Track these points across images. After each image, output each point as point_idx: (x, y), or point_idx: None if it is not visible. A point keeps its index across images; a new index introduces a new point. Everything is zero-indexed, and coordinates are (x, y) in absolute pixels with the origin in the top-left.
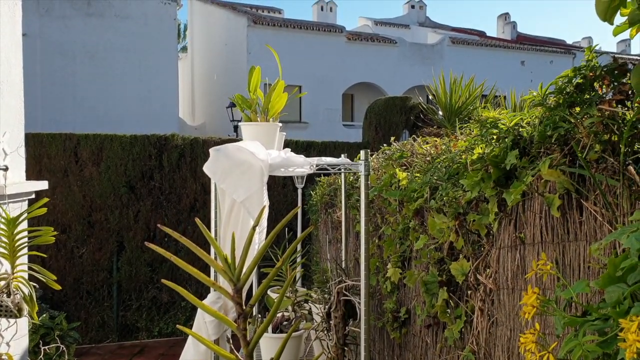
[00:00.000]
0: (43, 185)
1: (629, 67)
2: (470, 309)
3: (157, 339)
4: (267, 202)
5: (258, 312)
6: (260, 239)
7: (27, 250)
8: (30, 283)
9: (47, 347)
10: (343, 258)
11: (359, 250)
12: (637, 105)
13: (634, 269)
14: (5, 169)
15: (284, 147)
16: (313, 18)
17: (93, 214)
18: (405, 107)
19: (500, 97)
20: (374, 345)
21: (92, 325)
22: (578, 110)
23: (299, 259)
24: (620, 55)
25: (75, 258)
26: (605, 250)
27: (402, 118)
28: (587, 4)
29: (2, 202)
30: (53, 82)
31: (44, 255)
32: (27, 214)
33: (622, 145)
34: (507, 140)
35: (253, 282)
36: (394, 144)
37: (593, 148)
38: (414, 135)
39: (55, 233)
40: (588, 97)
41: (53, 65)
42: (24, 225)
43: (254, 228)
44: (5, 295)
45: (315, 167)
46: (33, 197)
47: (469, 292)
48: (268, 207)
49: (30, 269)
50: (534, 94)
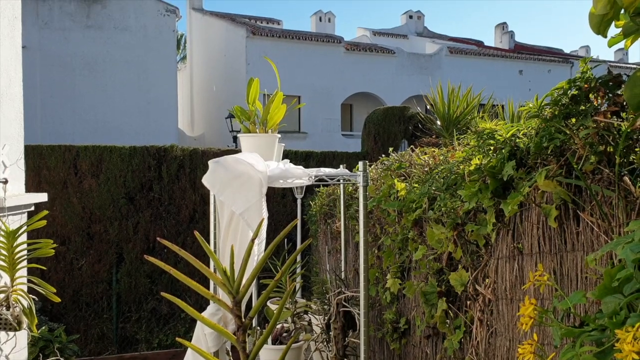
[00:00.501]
0: (42, 198)
1: (624, 78)
2: (470, 320)
3: (156, 351)
4: (265, 214)
5: (257, 323)
6: (260, 250)
7: (26, 263)
8: (30, 295)
9: None
10: (342, 269)
11: (358, 261)
12: (631, 117)
13: (630, 280)
14: (5, 182)
15: (283, 157)
16: (311, 29)
17: (92, 226)
18: (404, 117)
19: (498, 106)
20: (374, 356)
21: (91, 338)
22: (573, 122)
23: (299, 270)
24: (618, 64)
25: (75, 270)
26: (602, 261)
27: (400, 128)
28: (584, 13)
29: (1, 214)
30: (52, 93)
31: (44, 268)
32: (26, 227)
33: (617, 156)
34: (504, 151)
35: (253, 293)
36: (393, 155)
37: (589, 159)
38: (412, 146)
39: (55, 245)
40: (583, 108)
41: (52, 77)
42: (24, 238)
43: (253, 240)
44: (5, 308)
45: (314, 178)
46: (32, 209)
47: (468, 302)
48: (267, 217)
49: (30, 282)
50: (530, 106)
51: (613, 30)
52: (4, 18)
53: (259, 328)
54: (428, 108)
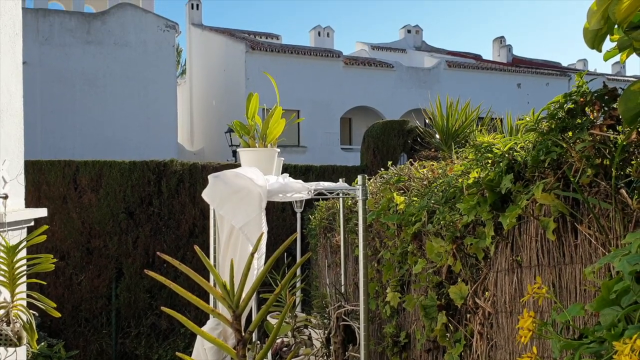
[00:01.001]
0: (42, 213)
1: (619, 92)
2: (470, 333)
3: None
4: (265, 228)
5: (257, 338)
6: (259, 265)
7: (26, 278)
8: (30, 311)
9: None
10: (342, 282)
11: (358, 275)
12: (627, 130)
13: (627, 292)
14: (5, 197)
15: (282, 171)
16: (310, 43)
17: (92, 241)
18: (403, 130)
19: (497, 119)
20: None
21: (90, 353)
22: (570, 135)
23: (298, 284)
24: (616, 77)
25: (74, 285)
26: (600, 273)
27: (399, 141)
28: (582, 27)
29: (1, 230)
30: (52, 109)
31: (44, 283)
32: (26, 242)
33: (613, 169)
34: (501, 165)
35: (252, 307)
36: (392, 168)
37: (585, 172)
38: (411, 160)
39: (55, 260)
40: (579, 122)
41: (52, 93)
42: (24, 253)
43: (253, 254)
44: (5, 324)
45: (314, 192)
46: (32, 224)
47: (468, 315)
48: (267, 231)
49: (30, 297)
50: (527, 119)
51: (609, 44)
52: (5, 34)
53: (259, 343)
54: (427, 122)
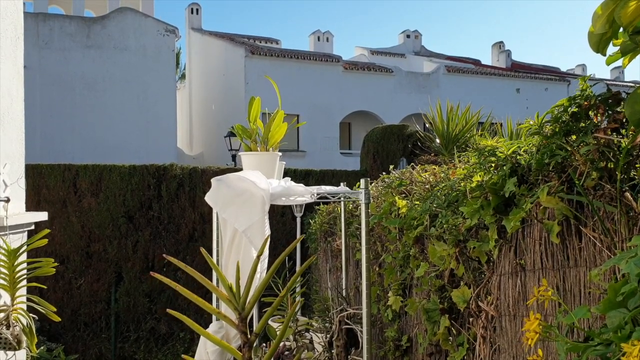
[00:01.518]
0: (43, 217)
1: (623, 95)
2: (473, 337)
3: None
4: (268, 231)
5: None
6: (262, 268)
7: (26, 282)
8: (30, 315)
9: None
10: (344, 286)
11: (359, 279)
12: (631, 133)
13: (634, 294)
14: (7, 201)
15: (283, 176)
16: (310, 48)
17: (91, 245)
18: (403, 135)
19: (497, 124)
20: None
21: (89, 358)
22: (574, 139)
23: (298, 288)
24: (614, 83)
25: (73, 289)
26: (605, 276)
27: (399, 146)
28: (580, 32)
29: (2, 233)
30: (52, 113)
31: (44, 287)
32: (27, 246)
33: (618, 172)
34: (505, 168)
35: (253, 311)
36: (393, 172)
37: (590, 175)
38: (413, 164)
39: (56, 264)
40: (583, 125)
41: (52, 97)
42: (24, 257)
43: (258, 257)
44: (5, 328)
45: (316, 195)
46: (32, 228)
47: (471, 319)
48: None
49: (30, 301)
50: (531, 123)
51: (611, 49)
52: (7, 38)
53: (265, 345)
54: (427, 126)
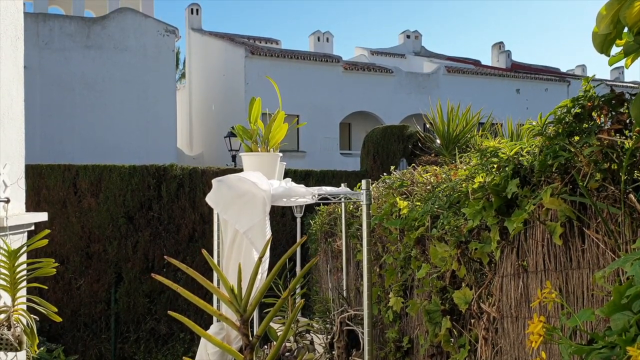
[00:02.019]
0: (43, 217)
1: (627, 96)
2: (474, 338)
3: None
4: (269, 234)
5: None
6: (263, 269)
7: (26, 283)
8: (31, 315)
9: None
10: (344, 287)
11: (360, 280)
12: (635, 135)
13: (639, 297)
14: (7, 201)
15: (283, 176)
16: (310, 48)
17: (91, 245)
18: (403, 135)
19: (497, 125)
20: None
21: (89, 358)
22: (577, 140)
23: (299, 289)
24: (614, 83)
25: (73, 290)
26: (609, 278)
27: (399, 146)
28: (580, 33)
29: (2, 234)
30: (52, 113)
31: (44, 287)
32: (27, 246)
33: (622, 174)
34: (507, 169)
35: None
36: (394, 173)
37: (593, 176)
38: (414, 164)
39: (56, 265)
40: (587, 126)
41: (52, 97)
42: (24, 257)
43: (260, 258)
44: (6, 328)
45: (317, 196)
46: (32, 228)
47: (473, 320)
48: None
49: (30, 301)
50: (533, 124)
51: (614, 50)
52: (7, 38)
53: (267, 347)
54: (427, 127)
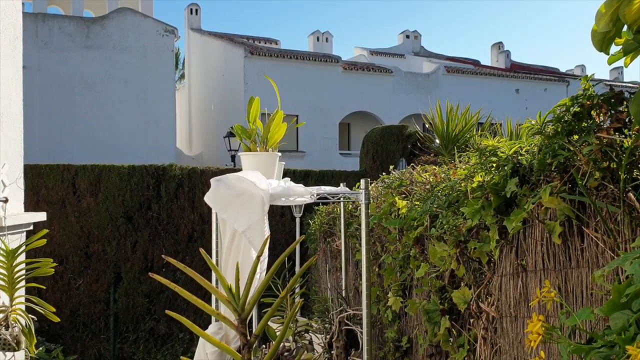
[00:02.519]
0: (41, 217)
1: (626, 95)
2: (473, 338)
3: None
4: (268, 232)
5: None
6: (261, 269)
7: (25, 282)
8: (29, 315)
9: None
10: (343, 287)
11: (359, 279)
12: (634, 133)
13: (638, 296)
14: (5, 201)
15: (282, 176)
16: (309, 48)
17: (90, 245)
18: (402, 135)
19: (496, 124)
20: None
21: (88, 358)
22: (576, 138)
23: (298, 289)
24: (613, 83)
25: (72, 290)
26: (608, 277)
27: (399, 146)
28: (580, 33)
29: (1, 234)
30: (51, 113)
31: (43, 287)
32: (26, 246)
33: (621, 172)
34: (506, 168)
35: (253, 312)
36: (393, 173)
37: (593, 175)
38: (413, 164)
39: (55, 265)
40: (586, 125)
41: (51, 97)
42: (23, 257)
43: (258, 258)
44: (4, 329)
45: (316, 196)
46: (31, 228)
47: (472, 320)
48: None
49: (29, 301)
50: (533, 123)
51: (613, 48)
52: (5, 38)
53: (264, 347)
54: (426, 126)
